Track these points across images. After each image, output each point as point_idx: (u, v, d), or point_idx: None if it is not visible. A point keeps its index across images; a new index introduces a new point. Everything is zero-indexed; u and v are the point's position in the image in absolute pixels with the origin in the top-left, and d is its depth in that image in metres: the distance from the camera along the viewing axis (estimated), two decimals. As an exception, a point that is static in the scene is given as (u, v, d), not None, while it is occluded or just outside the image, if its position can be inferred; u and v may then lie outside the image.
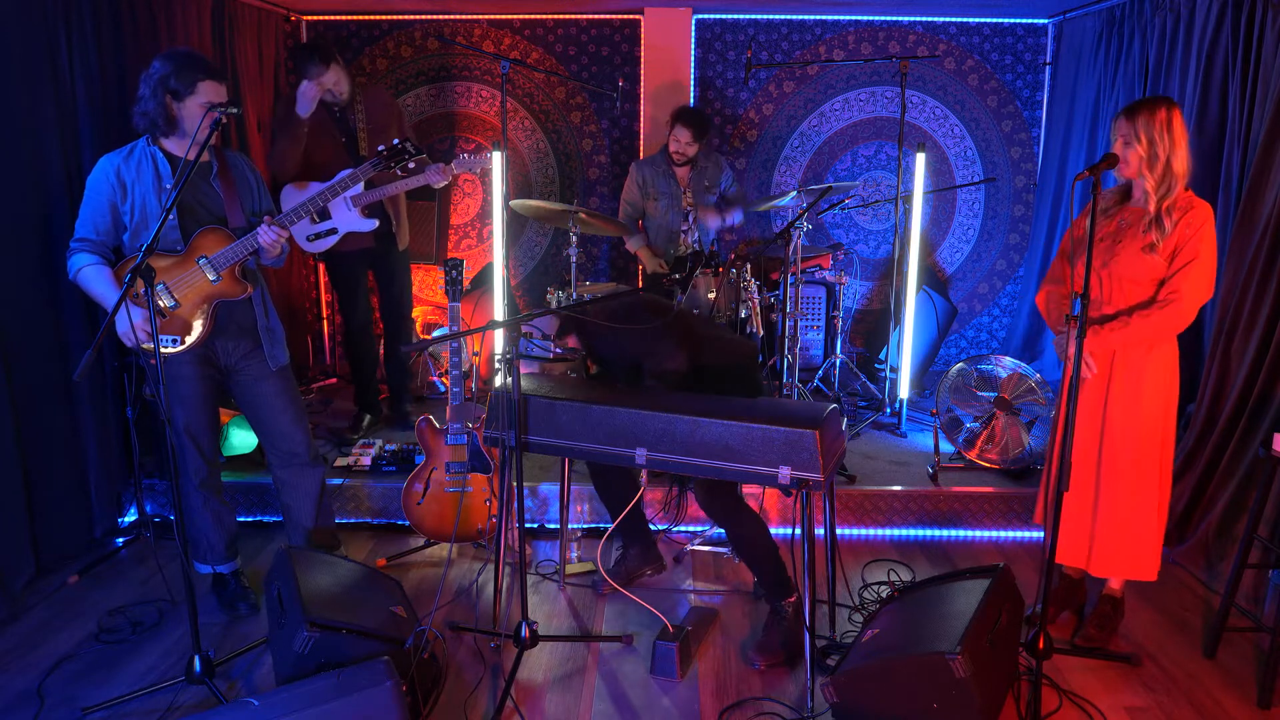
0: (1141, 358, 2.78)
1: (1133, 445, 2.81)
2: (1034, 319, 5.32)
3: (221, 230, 2.88)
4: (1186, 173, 2.66)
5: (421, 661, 2.57)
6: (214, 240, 2.86)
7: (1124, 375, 2.80)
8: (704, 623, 3.09)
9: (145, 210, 2.82)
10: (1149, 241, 2.67)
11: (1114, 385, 2.81)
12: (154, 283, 2.41)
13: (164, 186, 2.82)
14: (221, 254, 2.85)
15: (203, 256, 2.84)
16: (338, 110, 4.06)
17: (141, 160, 2.84)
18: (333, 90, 3.96)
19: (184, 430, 2.98)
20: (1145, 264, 2.70)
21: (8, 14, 3.10)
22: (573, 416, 2.79)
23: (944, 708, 2.32)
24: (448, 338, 3.05)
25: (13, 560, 3.18)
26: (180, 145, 2.84)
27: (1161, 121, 2.62)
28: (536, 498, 3.83)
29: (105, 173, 2.81)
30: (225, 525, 3.16)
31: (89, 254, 2.80)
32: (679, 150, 4.58)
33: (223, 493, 3.17)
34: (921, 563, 3.58)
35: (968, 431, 4.02)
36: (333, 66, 3.91)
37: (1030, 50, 5.42)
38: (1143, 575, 2.88)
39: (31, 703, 2.62)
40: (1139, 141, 2.63)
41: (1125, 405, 2.80)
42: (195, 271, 2.85)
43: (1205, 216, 2.66)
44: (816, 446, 2.48)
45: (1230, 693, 2.72)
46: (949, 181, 5.56)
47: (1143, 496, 2.83)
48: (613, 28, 5.40)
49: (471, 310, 5.09)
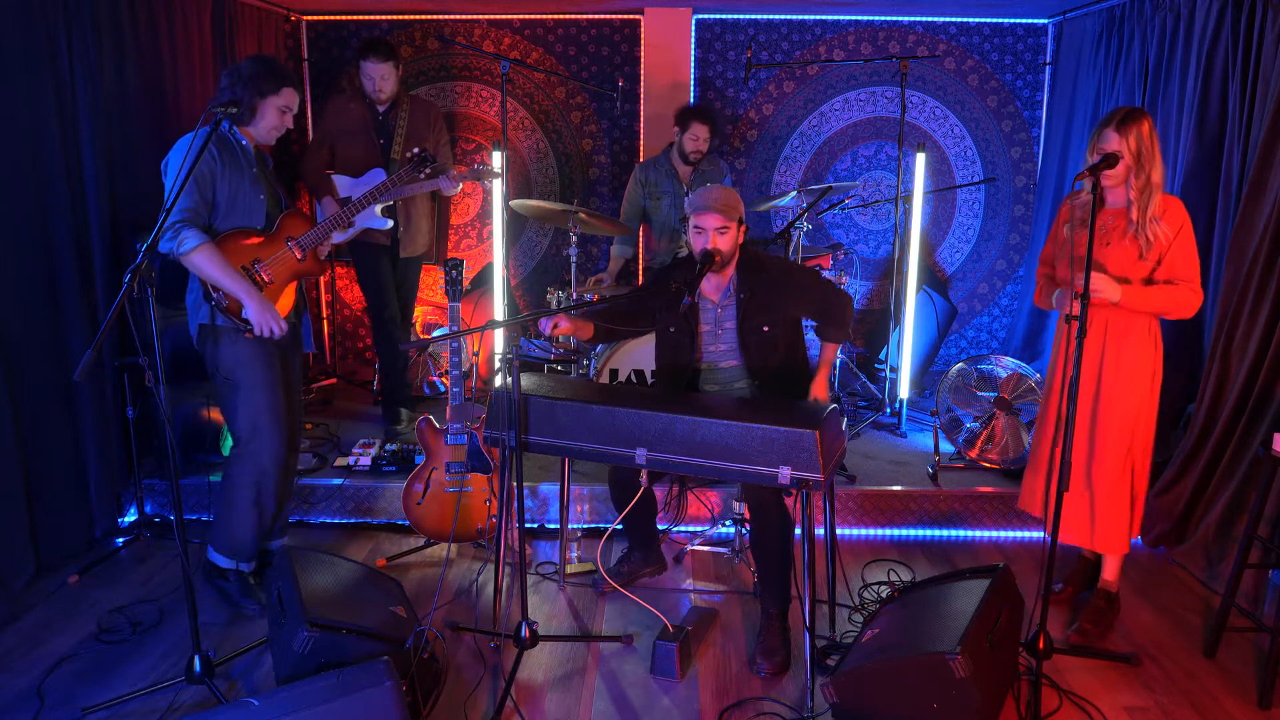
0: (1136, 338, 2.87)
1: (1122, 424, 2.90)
2: (1034, 319, 5.32)
3: (301, 213, 3.14)
4: (1162, 182, 2.80)
5: (421, 661, 2.57)
6: (296, 222, 3.09)
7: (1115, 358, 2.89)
8: (704, 623, 3.09)
9: (236, 191, 2.94)
10: (1138, 247, 2.79)
11: (1106, 366, 2.90)
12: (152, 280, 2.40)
13: (250, 170, 2.97)
14: (307, 235, 3.08)
15: (290, 238, 3.05)
16: (382, 111, 4.16)
17: (231, 144, 2.95)
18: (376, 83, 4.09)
19: (268, 412, 3.03)
20: (1136, 267, 2.82)
21: (8, 14, 3.10)
22: (573, 416, 2.78)
23: (944, 708, 2.32)
24: (448, 337, 3.06)
25: (13, 560, 3.18)
26: (251, 136, 3.02)
27: (1147, 134, 2.73)
28: (536, 498, 3.83)
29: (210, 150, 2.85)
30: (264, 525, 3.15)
31: (198, 231, 2.83)
32: (696, 149, 4.58)
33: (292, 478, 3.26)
34: (921, 563, 3.58)
35: (968, 431, 4.02)
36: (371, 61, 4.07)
37: (1030, 50, 5.42)
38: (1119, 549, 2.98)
39: (31, 702, 2.62)
40: (1129, 150, 2.72)
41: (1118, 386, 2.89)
42: (285, 251, 3.03)
43: (1181, 215, 2.80)
44: (816, 446, 2.48)
45: (1230, 693, 2.72)
46: (949, 181, 5.56)
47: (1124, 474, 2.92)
48: (613, 28, 5.40)
49: (471, 310, 5.09)
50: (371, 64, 4.06)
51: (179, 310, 3.89)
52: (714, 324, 3.09)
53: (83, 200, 3.45)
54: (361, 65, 4.09)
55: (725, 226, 2.93)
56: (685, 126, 4.56)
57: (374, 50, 4.06)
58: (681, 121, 4.59)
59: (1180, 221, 2.79)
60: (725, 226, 2.93)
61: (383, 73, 4.07)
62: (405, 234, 4.26)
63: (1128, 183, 2.77)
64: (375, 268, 4.26)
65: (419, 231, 4.33)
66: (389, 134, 4.16)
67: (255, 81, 2.92)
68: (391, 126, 4.16)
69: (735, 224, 2.95)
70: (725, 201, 2.94)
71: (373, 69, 4.07)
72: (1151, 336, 2.88)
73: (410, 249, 4.31)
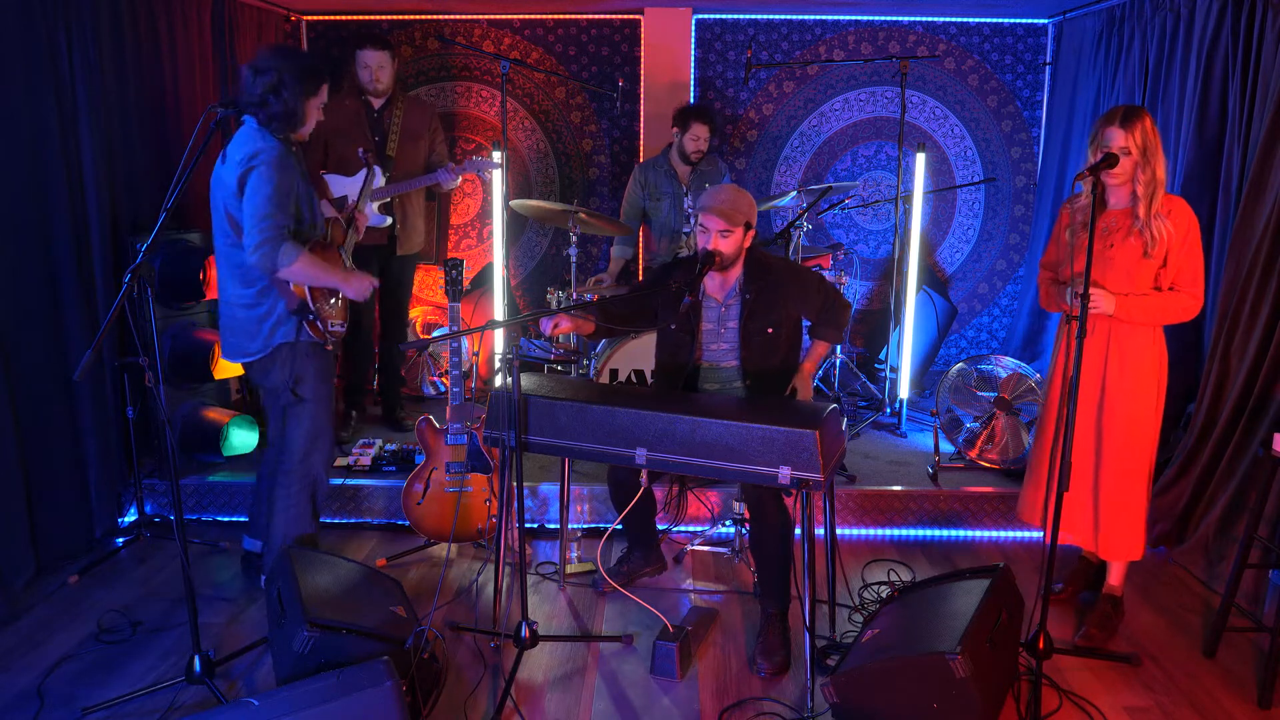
0: (1140, 347, 2.84)
1: (1128, 429, 2.88)
2: (1034, 319, 5.32)
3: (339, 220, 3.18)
4: (1166, 179, 2.78)
5: (421, 661, 2.57)
6: (338, 230, 3.13)
7: (1119, 362, 2.86)
8: (704, 623, 3.09)
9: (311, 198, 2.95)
10: (1143, 244, 2.76)
11: (1110, 371, 2.88)
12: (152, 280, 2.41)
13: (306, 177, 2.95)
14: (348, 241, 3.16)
15: (340, 247, 3.13)
16: (377, 107, 4.12)
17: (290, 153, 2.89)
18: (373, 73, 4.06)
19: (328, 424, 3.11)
20: (1143, 267, 2.79)
21: (8, 14, 3.10)
22: (573, 416, 2.78)
23: (944, 708, 2.32)
24: (448, 337, 3.06)
25: (13, 560, 3.18)
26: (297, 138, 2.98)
27: (1149, 130, 2.72)
28: (536, 498, 3.83)
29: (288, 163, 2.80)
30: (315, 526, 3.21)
31: (293, 243, 2.78)
32: (696, 149, 4.58)
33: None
34: (921, 563, 3.58)
35: (968, 431, 4.02)
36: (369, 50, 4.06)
37: (1030, 50, 5.42)
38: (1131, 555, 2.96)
39: (31, 702, 2.62)
40: (1135, 146, 2.70)
41: (1123, 391, 2.87)
42: (340, 260, 3.09)
43: (1188, 218, 2.77)
44: (816, 446, 2.47)
45: (1230, 693, 2.72)
46: (949, 181, 5.56)
47: (1135, 480, 2.90)
48: (613, 28, 5.40)
49: (471, 310, 5.09)
50: (369, 53, 4.04)
51: (179, 310, 3.92)
52: (716, 323, 3.09)
53: (83, 200, 3.45)
54: (358, 55, 4.07)
55: (729, 230, 2.92)
56: (685, 127, 4.55)
57: (371, 39, 4.05)
58: (681, 122, 4.58)
59: (1187, 225, 2.76)
60: (729, 230, 2.92)
61: (380, 61, 4.05)
62: (402, 231, 4.25)
63: (1135, 178, 2.74)
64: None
65: (415, 230, 4.33)
66: (384, 132, 4.14)
67: (300, 86, 2.83)
68: (387, 124, 4.14)
69: (741, 227, 2.94)
70: (733, 205, 2.92)
71: (370, 57, 4.04)
72: (1156, 346, 2.86)
73: (407, 246, 4.31)
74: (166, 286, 3.80)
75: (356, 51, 4.07)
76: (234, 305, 2.93)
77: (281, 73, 2.78)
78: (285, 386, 2.99)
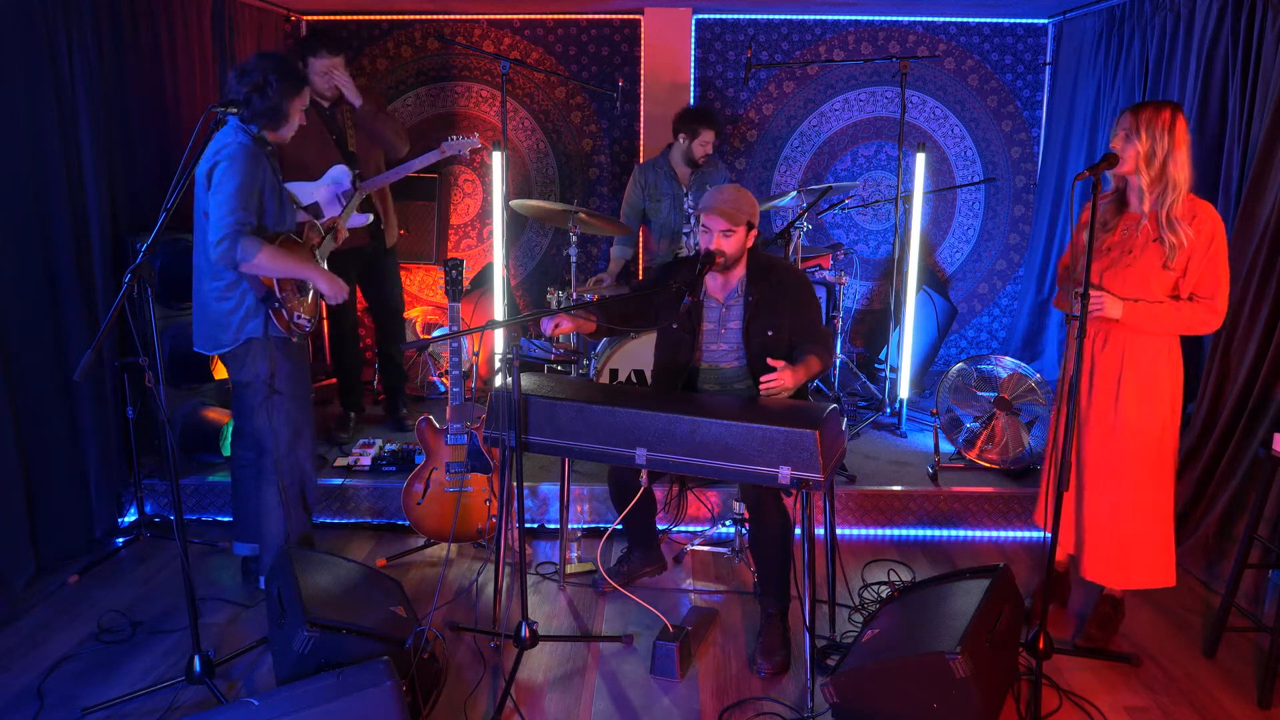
0: (1153, 359, 2.76)
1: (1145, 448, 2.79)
2: (1034, 319, 5.32)
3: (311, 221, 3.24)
4: (1188, 181, 2.63)
5: (421, 661, 2.57)
6: (313, 232, 3.19)
7: (1134, 376, 2.78)
8: (704, 623, 3.09)
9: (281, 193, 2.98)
10: (1163, 255, 2.65)
11: (1124, 386, 2.79)
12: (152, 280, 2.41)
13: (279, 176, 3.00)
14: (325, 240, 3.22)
15: (314, 246, 3.19)
16: (328, 106, 4.04)
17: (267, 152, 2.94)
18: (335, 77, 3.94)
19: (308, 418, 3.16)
20: (1163, 278, 2.68)
21: (8, 14, 3.10)
22: (573, 416, 2.78)
23: (944, 708, 2.32)
24: (448, 337, 3.06)
25: (13, 560, 3.18)
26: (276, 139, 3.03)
27: (1165, 122, 2.60)
28: (536, 498, 3.84)
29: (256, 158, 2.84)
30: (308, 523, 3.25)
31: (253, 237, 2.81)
32: (705, 153, 4.58)
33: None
34: (921, 563, 3.58)
35: (968, 431, 4.02)
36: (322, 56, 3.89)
37: (1030, 50, 5.42)
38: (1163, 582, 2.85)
39: (31, 702, 2.62)
40: (1139, 138, 2.61)
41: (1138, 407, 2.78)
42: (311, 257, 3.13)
43: (1213, 224, 2.64)
44: (816, 446, 2.48)
45: (1230, 693, 2.72)
46: (949, 181, 5.56)
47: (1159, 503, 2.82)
48: (613, 28, 5.40)
49: (471, 310, 5.09)
50: (323, 59, 3.87)
51: (179, 310, 3.92)
52: (717, 323, 3.09)
53: (83, 200, 3.45)
54: (311, 63, 3.85)
55: (731, 230, 2.92)
56: (694, 134, 4.49)
57: (324, 44, 3.88)
58: (689, 129, 4.50)
59: (1212, 231, 2.61)
60: (731, 230, 2.92)
61: (337, 65, 3.91)
62: (386, 225, 4.24)
63: (1138, 169, 2.64)
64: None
65: (392, 222, 4.31)
66: (340, 129, 4.05)
67: (284, 85, 2.89)
68: (342, 121, 4.06)
69: (743, 227, 2.94)
70: (735, 204, 2.92)
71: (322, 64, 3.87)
72: (1169, 359, 2.76)
73: (390, 238, 4.30)
74: (166, 286, 3.79)
75: (310, 59, 3.87)
76: (207, 297, 2.98)
77: (266, 72, 2.86)
78: (261, 381, 3.01)
